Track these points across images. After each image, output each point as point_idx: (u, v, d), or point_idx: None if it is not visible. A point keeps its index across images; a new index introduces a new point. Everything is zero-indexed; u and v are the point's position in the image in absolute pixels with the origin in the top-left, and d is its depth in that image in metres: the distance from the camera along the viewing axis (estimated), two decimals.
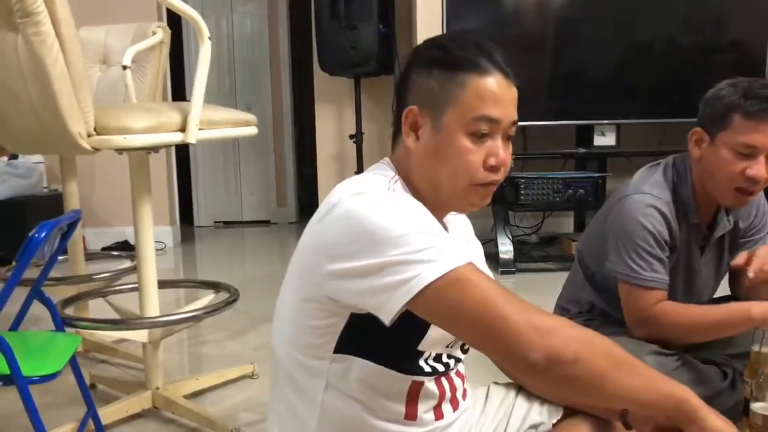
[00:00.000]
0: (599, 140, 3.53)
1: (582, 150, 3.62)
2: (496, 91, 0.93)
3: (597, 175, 3.51)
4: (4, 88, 1.50)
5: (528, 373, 0.86)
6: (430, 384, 0.98)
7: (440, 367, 0.99)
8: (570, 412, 1.11)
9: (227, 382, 2.04)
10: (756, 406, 1.18)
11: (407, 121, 0.97)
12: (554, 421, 1.10)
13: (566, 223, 4.03)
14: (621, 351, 0.87)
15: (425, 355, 0.97)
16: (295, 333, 0.96)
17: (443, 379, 1.00)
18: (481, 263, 1.04)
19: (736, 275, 1.65)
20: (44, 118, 1.47)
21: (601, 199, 3.44)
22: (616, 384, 0.84)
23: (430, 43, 0.99)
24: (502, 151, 0.95)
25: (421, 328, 0.93)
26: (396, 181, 0.98)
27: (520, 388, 1.17)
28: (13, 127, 1.59)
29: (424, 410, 0.98)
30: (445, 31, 3.42)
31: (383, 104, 4.17)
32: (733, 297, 1.69)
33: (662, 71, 3.55)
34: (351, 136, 4.05)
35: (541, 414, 1.12)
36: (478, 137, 0.93)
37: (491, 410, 1.14)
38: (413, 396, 0.96)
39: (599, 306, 1.62)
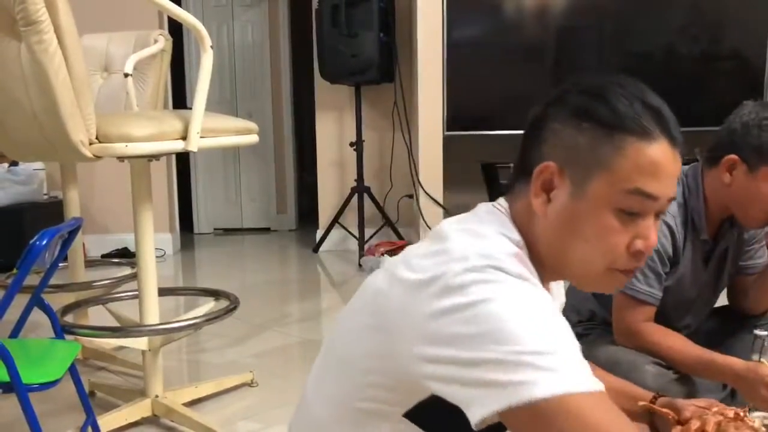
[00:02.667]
0: None
1: None
2: (660, 162, 0.77)
3: None
4: (6, 96, 1.50)
5: None
6: None
7: None
8: None
9: (227, 389, 2.04)
10: (756, 415, 1.17)
11: (540, 178, 0.80)
12: None
13: None
14: None
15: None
16: (365, 383, 0.82)
17: None
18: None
19: (736, 286, 1.66)
20: (46, 126, 1.47)
21: None
22: None
23: (585, 88, 0.81)
24: (653, 234, 0.79)
25: None
26: (521, 250, 0.80)
27: None
28: (14, 134, 1.59)
29: None
30: (445, 40, 3.44)
31: (384, 112, 4.18)
32: (731, 308, 1.70)
33: (662, 80, 3.53)
34: (351, 144, 4.06)
35: None
36: (627, 214, 0.78)
37: None
38: None
39: (600, 315, 1.62)
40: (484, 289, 0.70)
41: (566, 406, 0.66)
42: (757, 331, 1.40)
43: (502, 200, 0.87)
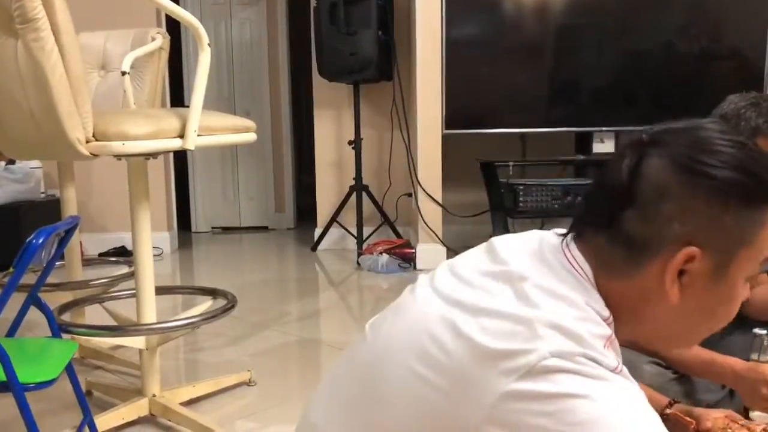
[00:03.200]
0: (598, 147, 3.54)
1: (581, 157, 3.63)
2: None
3: None
4: (2, 94, 1.50)
5: None
6: None
7: None
8: None
9: (224, 389, 2.03)
10: (755, 415, 1.17)
11: (678, 264, 0.69)
12: None
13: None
14: None
15: None
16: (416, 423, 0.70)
17: None
18: None
19: None
20: (43, 124, 1.47)
21: None
22: None
23: (724, 157, 0.69)
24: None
25: None
26: (611, 328, 0.70)
27: None
28: (11, 132, 1.59)
29: None
30: (444, 38, 3.43)
31: (382, 110, 4.17)
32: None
33: (661, 78, 3.56)
34: (350, 142, 4.06)
35: None
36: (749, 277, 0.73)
37: None
38: None
39: None
40: (573, 381, 0.61)
41: None
42: (756, 330, 1.40)
43: (579, 255, 0.73)
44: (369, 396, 0.74)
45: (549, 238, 0.77)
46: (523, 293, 0.68)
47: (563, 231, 0.77)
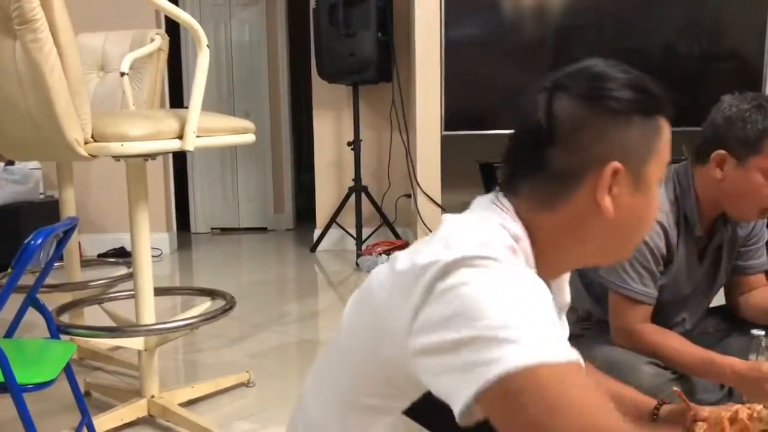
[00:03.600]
0: None
1: None
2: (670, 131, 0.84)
3: None
4: (1, 95, 1.50)
5: None
6: None
7: None
8: None
9: (223, 390, 2.03)
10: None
11: (608, 180, 0.78)
12: None
13: None
14: None
15: None
16: (365, 379, 0.82)
17: None
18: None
19: (735, 286, 1.65)
20: (41, 125, 1.47)
21: None
22: None
23: (619, 80, 0.82)
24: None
25: None
26: (519, 243, 0.78)
27: None
28: (10, 133, 1.59)
29: None
30: (443, 40, 3.44)
31: (381, 111, 4.18)
32: (727, 308, 1.70)
33: (661, 79, 3.55)
34: (349, 143, 4.06)
35: None
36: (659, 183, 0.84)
37: None
38: None
39: (596, 314, 1.62)
40: (468, 273, 0.70)
41: (535, 377, 0.64)
42: (754, 331, 1.40)
43: (503, 198, 0.83)
44: (333, 356, 0.88)
45: (482, 198, 0.86)
46: (442, 228, 0.79)
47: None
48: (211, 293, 2.06)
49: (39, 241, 1.28)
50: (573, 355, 0.68)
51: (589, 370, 1.15)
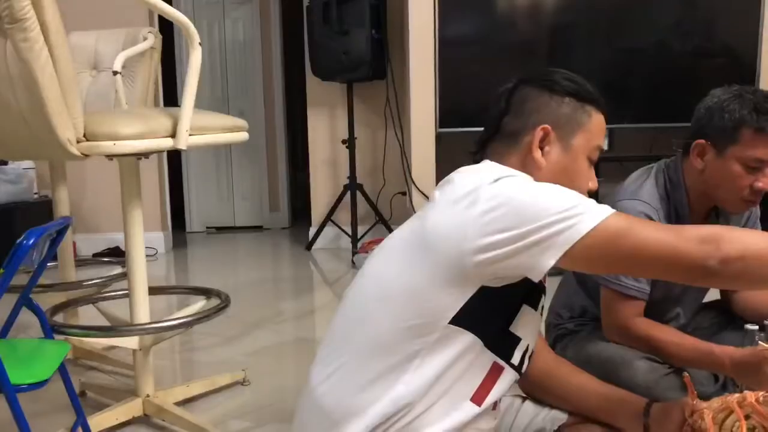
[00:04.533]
0: None
1: None
2: (605, 127, 1.11)
3: None
4: None
5: (708, 278, 0.93)
6: (505, 380, 1.02)
7: (526, 363, 1.05)
8: (575, 419, 1.12)
9: (218, 389, 2.03)
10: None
11: (539, 137, 1.06)
12: (556, 426, 1.11)
13: None
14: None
15: (520, 344, 1.02)
16: (415, 301, 0.98)
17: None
18: None
19: None
20: (33, 125, 1.46)
21: None
22: None
23: (561, 75, 1.11)
24: (596, 179, 1.12)
25: (515, 305, 1.01)
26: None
27: (524, 399, 1.18)
28: (2, 133, 1.58)
29: (491, 399, 1.02)
30: (437, 37, 3.44)
31: (376, 109, 4.17)
32: (722, 302, 1.70)
33: (655, 76, 3.57)
34: (343, 141, 4.05)
35: (544, 420, 1.13)
36: (590, 162, 1.10)
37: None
38: (491, 380, 1.01)
39: (591, 311, 1.62)
40: (512, 184, 0.96)
41: (606, 229, 0.91)
42: (749, 326, 1.41)
43: (485, 162, 1.10)
44: (350, 319, 1.06)
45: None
46: (468, 172, 1.05)
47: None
48: (206, 292, 2.05)
49: (31, 241, 1.28)
50: (612, 209, 0.94)
51: (574, 370, 1.19)
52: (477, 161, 1.11)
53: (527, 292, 1.01)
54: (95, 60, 2.35)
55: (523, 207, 0.92)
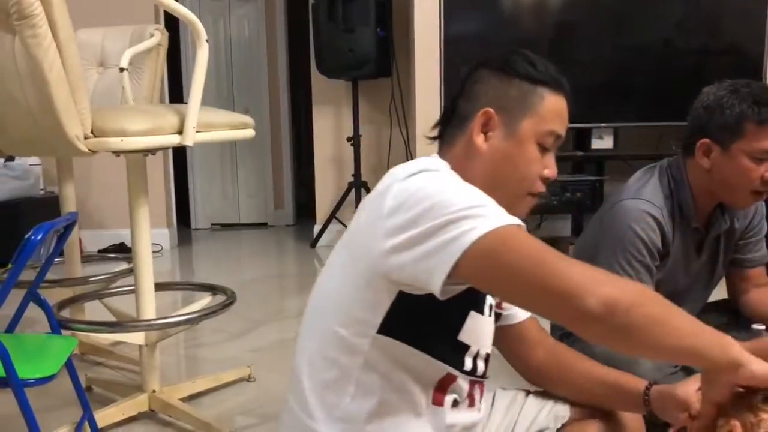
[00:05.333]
0: (597, 143, 3.54)
1: (580, 153, 3.62)
2: (564, 110, 1.02)
3: (595, 178, 3.51)
4: (0, 91, 1.49)
5: (583, 323, 0.81)
6: (463, 382, 0.99)
7: (481, 367, 1.02)
8: (578, 416, 1.12)
9: (224, 385, 2.04)
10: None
11: (480, 122, 0.99)
12: (560, 425, 1.11)
13: (564, 227, 4.04)
14: (667, 301, 0.86)
15: (470, 350, 0.99)
16: (342, 306, 0.95)
17: (475, 384, 1.03)
18: None
19: (734, 280, 1.66)
20: (41, 121, 1.47)
21: (598, 202, 3.44)
22: (671, 330, 0.82)
23: (517, 56, 1.03)
24: (555, 166, 1.02)
25: (461, 314, 0.96)
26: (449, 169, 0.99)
27: (528, 393, 1.18)
28: (10, 129, 1.59)
29: (450, 401, 0.99)
30: (442, 35, 3.44)
31: (381, 107, 4.17)
32: (727, 301, 1.70)
33: (660, 74, 3.56)
34: (348, 139, 4.06)
35: (547, 417, 1.12)
36: (542, 149, 1.00)
37: (496, 417, 1.14)
38: (443, 386, 0.98)
39: None
40: (419, 179, 0.90)
41: (503, 235, 0.82)
42: (755, 326, 1.41)
43: (431, 155, 1.06)
44: (312, 304, 1.03)
45: None
46: (390, 173, 0.98)
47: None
48: (212, 288, 2.06)
49: (39, 237, 1.29)
50: (517, 220, 0.86)
51: (579, 357, 1.18)
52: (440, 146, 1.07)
53: (474, 299, 0.96)
54: (102, 56, 2.36)
55: (422, 206, 0.85)
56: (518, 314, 1.16)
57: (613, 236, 1.47)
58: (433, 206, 0.85)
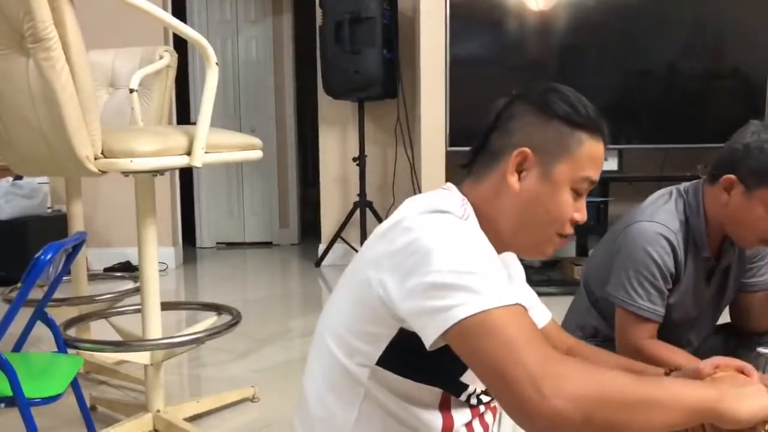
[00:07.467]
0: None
1: None
2: (601, 156, 1.00)
3: (599, 199, 3.51)
4: (13, 111, 1.52)
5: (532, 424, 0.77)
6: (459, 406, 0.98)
7: (484, 399, 1.01)
8: None
9: (228, 405, 2.03)
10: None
11: (516, 161, 0.97)
12: None
13: (568, 248, 4.03)
14: (637, 385, 0.79)
15: (470, 390, 0.97)
16: (344, 335, 0.96)
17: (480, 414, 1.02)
18: (521, 283, 1.12)
19: (739, 304, 1.65)
20: (52, 141, 1.48)
21: (603, 223, 3.44)
22: (637, 428, 0.78)
23: (557, 95, 0.99)
24: (585, 210, 1.01)
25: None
26: (466, 208, 0.97)
27: None
28: (21, 149, 1.61)
29: (460, 422, 0.98)
30: (448, 57, 3.47)
31: (386, 127, 4.20)
32: (733, 325, 1.69)
33: (664, 97, 3.58)
34: (354, 159, 4.08)
35: None
36: (576, 194, 0.99)
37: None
38: (446, 405, 0.97)
39: (604, 331, 1.61)
40: (430, 223, 0.88)
41: (486, 322, 0.79)
42: (761, 349, 1.40)
43: (448, 184, 1.05)
44: (320, 328, 1.04)
45: None
46: (402, 206, 0.98)
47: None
48: (217, 308, 2.06)
49: (49, 256, 1.30)
50: (515, 298, 0.83)
51: (594, 349, 1.19)
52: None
53: None
54: (112, 77, 2.38)
55: (422, 255, 0.84)
56: (539, 321, 1.16)
57: (627, 258, 1.47)
58: (432, 261, 0.83)
